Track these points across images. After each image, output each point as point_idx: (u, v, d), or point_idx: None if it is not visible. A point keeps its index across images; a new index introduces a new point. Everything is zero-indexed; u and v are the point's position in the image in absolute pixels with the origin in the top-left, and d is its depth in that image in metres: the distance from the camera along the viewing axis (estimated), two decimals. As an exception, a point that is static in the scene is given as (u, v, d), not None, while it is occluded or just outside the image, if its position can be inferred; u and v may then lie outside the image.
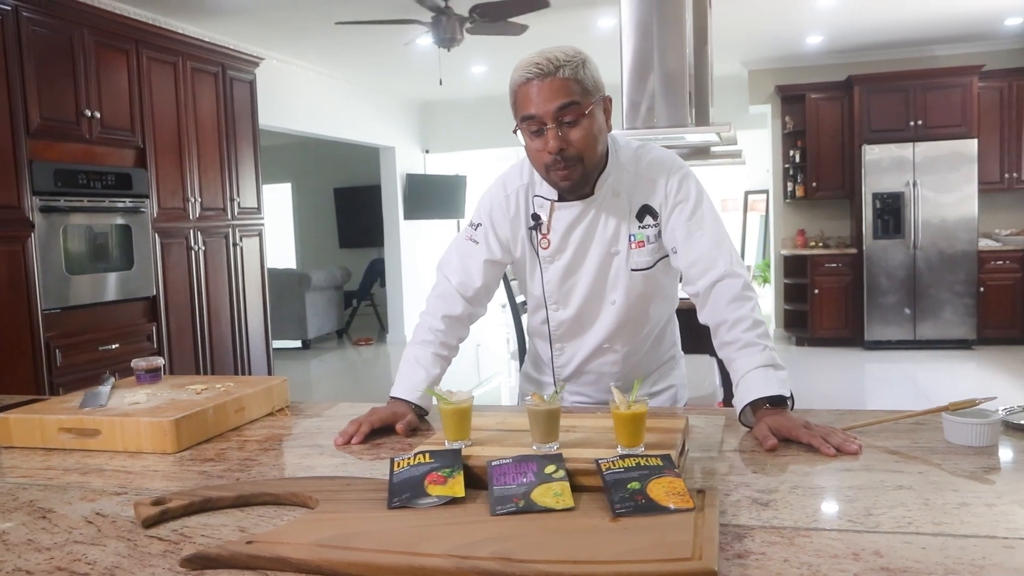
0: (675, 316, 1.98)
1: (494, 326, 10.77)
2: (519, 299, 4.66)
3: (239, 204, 5.41)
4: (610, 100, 1.64)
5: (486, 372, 7.70)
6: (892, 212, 7.37)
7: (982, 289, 7.34)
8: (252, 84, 5.61)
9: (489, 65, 7.83)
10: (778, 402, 1.49)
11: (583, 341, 1.84)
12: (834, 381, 6.49)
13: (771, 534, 1.03)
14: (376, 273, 10.38)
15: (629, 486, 1.10)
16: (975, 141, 7.18)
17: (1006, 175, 7.50)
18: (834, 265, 7.74)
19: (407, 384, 1.71)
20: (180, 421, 1.55)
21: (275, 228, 11.49)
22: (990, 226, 7.69)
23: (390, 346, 9.34)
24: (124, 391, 1.81)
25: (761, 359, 1.53)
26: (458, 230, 10.85)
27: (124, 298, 4.45)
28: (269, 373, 5.70)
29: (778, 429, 1.42)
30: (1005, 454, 1.33)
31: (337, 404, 1.93)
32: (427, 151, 10.08)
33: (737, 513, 1.10)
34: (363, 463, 1.43)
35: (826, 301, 7.76)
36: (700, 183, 1.72)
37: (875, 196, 7.39)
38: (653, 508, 1.05)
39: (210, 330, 5.11)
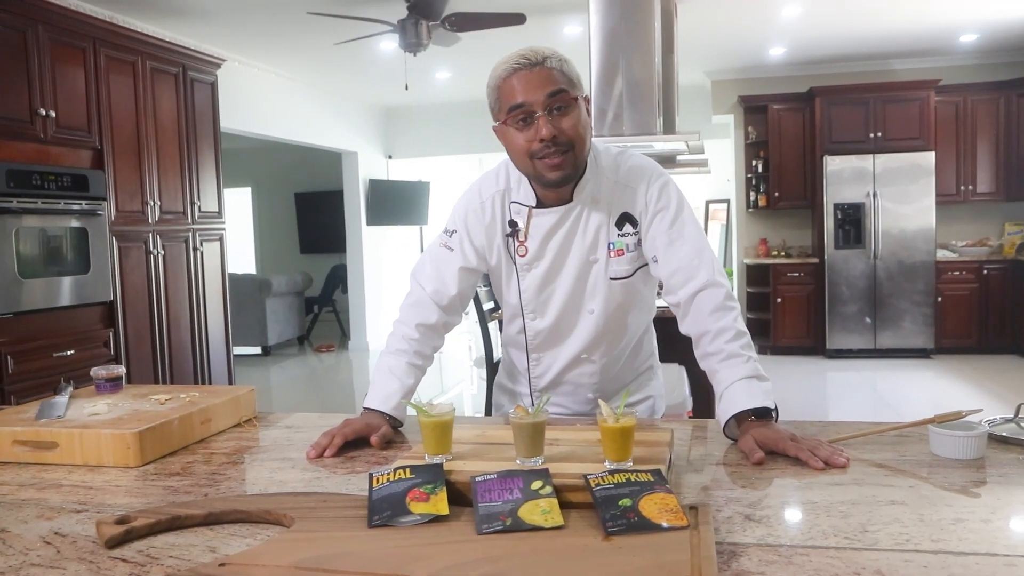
0: (652, 326, 1.95)
1: (456, 332, 10.75)
2: (486, 306, 4.62)
3: (200, 207, 5.29)
4: (589, 100, 1.62)
5: (449, 380, 7.64)
6: (853, 222, 7.46)
7: (940, 299, 7.47)
8: (214, 86, 5.49)
9: (454, 71, 7.78)
10: (762, 414, 1.46)
11: (560, 351, 1.81)
12: (797, 389, 6.54)
13: (767, 552, 1.00)
14: (338, 279, 10.26)
15: (620, 503, 1.06)
16: (932, 154, 7.31)
17: (962, 187, 7.65)
18: (796, 274, 7.82)
19: (381, 395, 1.65)
20: (144, 433, 1.48)
21: (235, 233, 11.31)
22: (947, 237, 7.83)
23: (352, 353, 9.23)
24: (83, 401, 1.73)
25: (745, 370, 1.50)
26: (421, 237, 10.85)
27: (80, 303, 4.31)
28: (230, 381, 5.58)
29: (764, 442, 1.40)
30: (992, 467, 1.32)
31: (307, 415, 1.87)
32: (390, 156, 9.99)
33: (730, 530, 1.07)
34: (337, 477, 1.37)
35: (788, 310, 7.84)
36: (680, 191, 1.69)
37: (836, 206, 7.48)
38: (646, 526, 1.02)
39: (169, 336, 4.98)
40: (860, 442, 1.46)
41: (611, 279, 1.71)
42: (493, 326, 4.67)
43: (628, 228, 1.69)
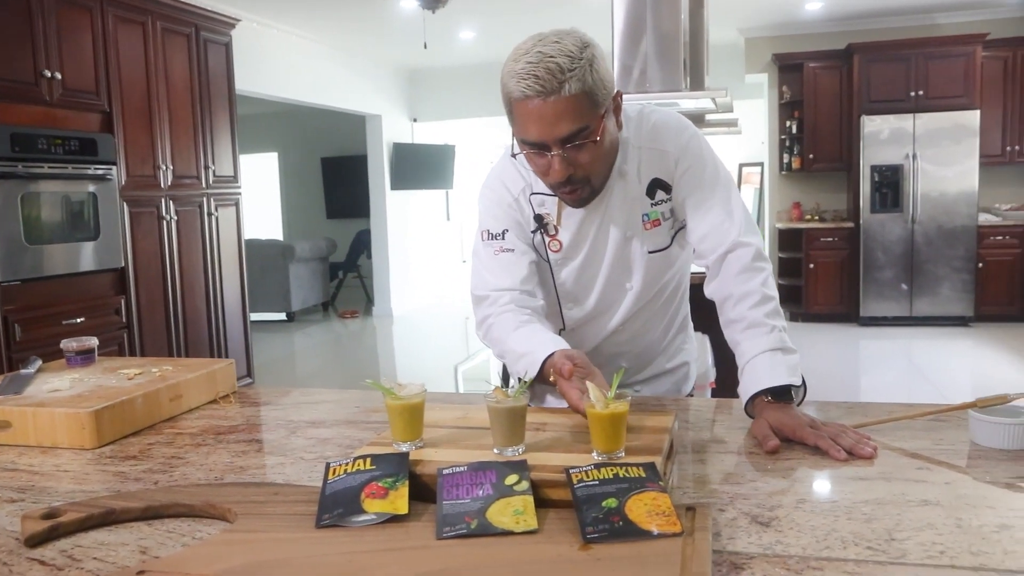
0: (687, 285, 1.78)
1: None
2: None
3: (214, 172, 5.18)
4: (620, 95, 1.41)
5: (475, 345, 7.54)
6: (890, 185, 7.17)
7: (981, 265, 7.17)
8: (228, 46, 5.35)
9: (478, 31, 7.56)
10: (783, 393, 1.31)
11: (596, 329, 1.66)
12: (828, 358, 6.33)
13: (774, 565, 0.85)
14: (363, 244, 10.16)
15: (604, 504, 0.91)
16: (977, 112, 6.97)
17: (1008, 148, 7.30)
18: (830, 239, 7.56)
19: (542, 344, 1.40)
20: (101, 412, 1.36)
21: (261, 198, 11.28)
22: (990, 200, 7.50)
23: (376, 319, 9.15)
24: (50, 375, 1.62)
25: (768, 342, 1.34)
26: (447, 201, 10.70)
27: (90, 270, 4.23)
28: (247, 348, 5.50)
29: (780, 428, 1.24)
30: (1042, 459, 1.15)
31: (289, 390, 1.74)
32: (415, 120, 9.81)
33: (733, 536, 0.92)
34: (304, 463, 1.24)
35: (821, 276, 7.59)
36: (707, 143, 1.52)
37: (873, 169, 7.19)
38: (632, 532, 0.87)
39: (183, 304, 4.90)
40: (890, 427, 1.30)
41: (649, 252, 1.55)
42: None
43: (661, 195, 1.52)
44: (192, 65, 5.01)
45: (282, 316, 9.10)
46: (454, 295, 10.48)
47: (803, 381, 1.35)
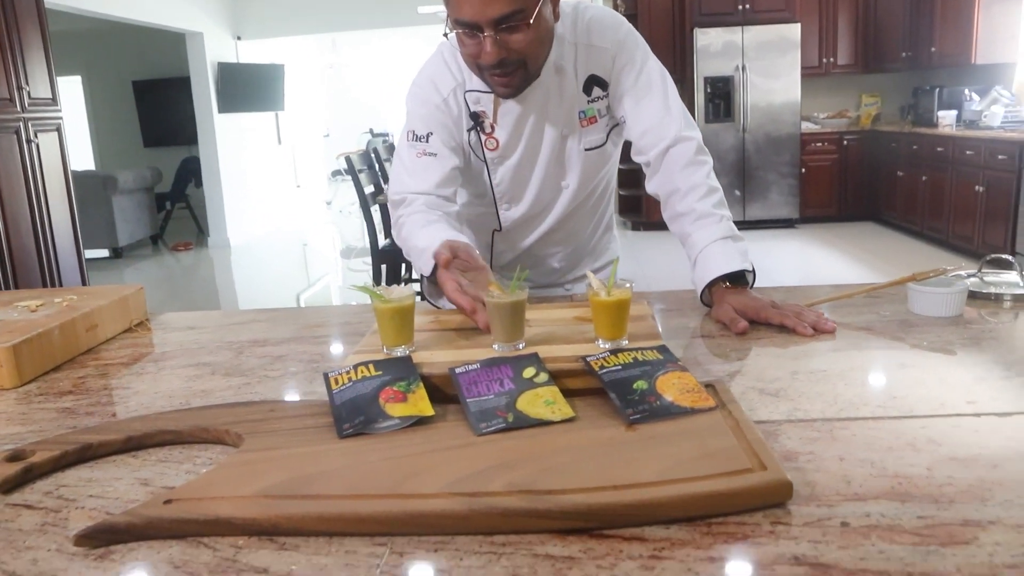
0: (615, 185, 1.79)
1: (319, 223, 10.32)
2: (367, 190, 4.35)
3: (29, 94, 4.66)
4: None
5: (315, 272, 7.35)
6: (723, 96, 7.50)
7: (804, 171, 7.71)
8: (31, -49, 4.75)
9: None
10: (738, 278, 1.35)
11: (531, 229, 1.65)
12: (670, 264, 6.64)
13: (803, 428, 0.89)
14: (190, 172, 9.51)
15: (635, 386, 0.92)
16: (798, 26, 7.37)
17: (824, 60, 7.81)
18: (668, 151, 7.83)
19: (437, 238, 1.33)
20: (19, 347, 1.21)
21: (67, 126, 10.26)
22: (810, 110, 8.02)
23: (212, 250, 8.68)
24: (-73, 314, 1.42)
25: (719, 231, 1.38)
26: (277, 123, 10.19)
27: None
28: (84, 285, 5.08)
29: (744, 310, 1.29)
30: (974, 323, 1.26)
31: (207, 313, 1.62)
32: (239, 38, 9.20)
33: (753, 407, 0.95)
34: (273, 382, 1.17)
35: (660, 187, 7.87)
36: (642, 40, 1.51)
37: (706, 80, 7.48)
38: (671, 410, 0.88)
39: (8, 239, 4.43)
40: (829, 307, 1.38)
41: (586, 150, 1.54)
42: (374, 211, 4.43)
43: (597, 91, 1.51)
44: (-9, -29, 4.43)
45: (107, 253, 8.45)
46: (292, 222, 10.12)
47: (752, 268, 1.40)
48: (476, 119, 1.51)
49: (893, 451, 0.82)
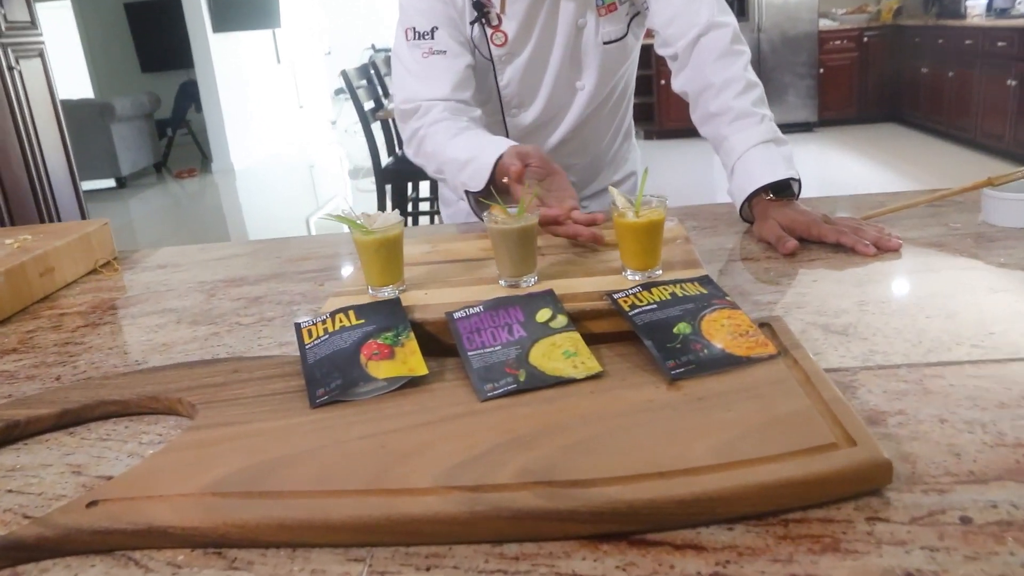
0: (634, 87, 1.59)
1: (324, 143, 10.05)
2: (367, 106, 4.12)
3: (5, 17, 4.40)
4: None
5: (324, 194, 7.15)
6: (738, -7, 7.11)
7: (822, 71, 7.34)
8: None
9: None
10: (783, 188, 1.16)
11: (542, 138, 1.45)
12: (685, 173, 6.38)
13: (886, 378, 0.71)
14: (190, 97, 9.21)
15: (676, 330, 0.74)
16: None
17: (845, -51, 7.35)
18: (682, 54, 7.47)
19: (488, 145, 1.19)
20: (-48, 299, 1.05)
21: (62, 55, 9.94)
22: (828, 6, 7.59)
23: (217, 175, 8.46)
24: None
25: (760, 133, 1.19)
26: (275, 41, 9.82)
27: None
28: (83, 219, 4.92)
29: (791, 226, 1.10)
30: (1069, 231, 1.07)
31: (184, 247, 1.45)
32: (230, -50, 8.77)
33: (819, 350, 0.78)
34: (246, 330, 1.00)
35: (671, 91, 7.53)
36: None
37: (722, -23, 7.05)
38: (723, 361, 0.70)
39: (-2, 175, 4.25)
40: (896, 217, 1.19)
41: (604, 43, 1.33)
42: (376, 127, 4.22)
43: None
44: None
45: (111, 183, 8.26)
46: (297, 143, 9.86)
47: (798, 176, 1.20)
48: (480, 9, 1.30)
49: (1007, 408, 0.64)
